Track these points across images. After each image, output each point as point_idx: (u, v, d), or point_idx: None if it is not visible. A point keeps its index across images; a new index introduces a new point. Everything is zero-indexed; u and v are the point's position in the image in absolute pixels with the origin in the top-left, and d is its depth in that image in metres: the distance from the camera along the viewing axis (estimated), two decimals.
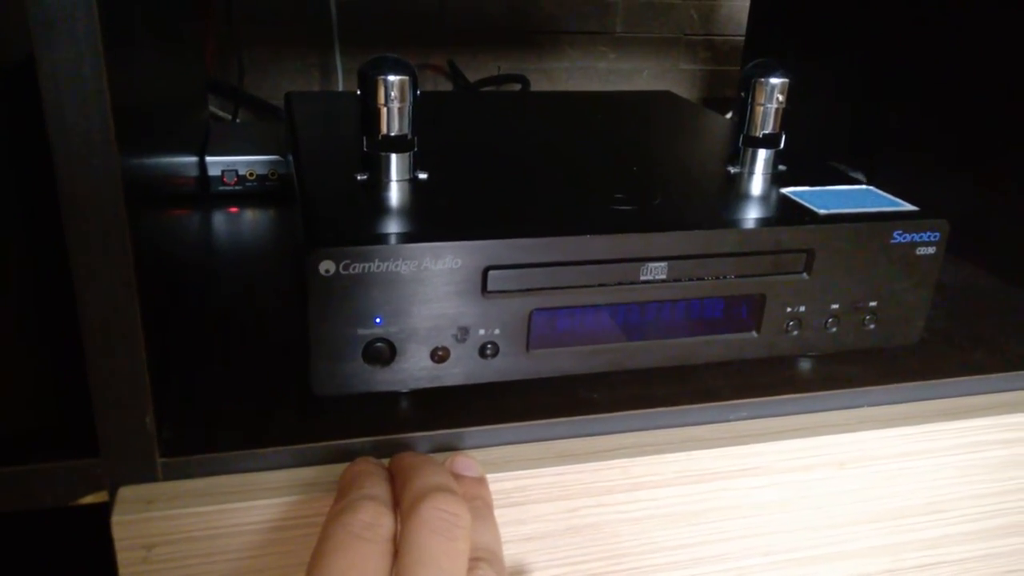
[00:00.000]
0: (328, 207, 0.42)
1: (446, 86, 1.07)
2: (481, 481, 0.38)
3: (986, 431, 0.47)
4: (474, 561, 0.33)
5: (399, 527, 0.33)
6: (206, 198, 0.70)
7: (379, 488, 0.35)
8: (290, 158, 0.57)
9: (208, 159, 0.70)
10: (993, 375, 0.49)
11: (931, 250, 0.45)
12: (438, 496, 0.33)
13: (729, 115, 0.96)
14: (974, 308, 0.57)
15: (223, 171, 0.71)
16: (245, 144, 0.73)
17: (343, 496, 0.35)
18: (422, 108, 0.45)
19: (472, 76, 1.06)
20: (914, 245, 0.45)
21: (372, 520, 0.33)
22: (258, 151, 0.72)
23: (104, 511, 0.36)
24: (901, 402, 0.47)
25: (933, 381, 0.48)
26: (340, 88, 1.00)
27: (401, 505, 0.34)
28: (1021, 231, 0.60)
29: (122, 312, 0.34)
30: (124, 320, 0.34)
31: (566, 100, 0.76)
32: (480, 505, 0.37)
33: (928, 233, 0.45)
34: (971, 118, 0.64)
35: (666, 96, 0.77)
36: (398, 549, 0.33)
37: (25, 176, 0.35)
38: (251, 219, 0.67)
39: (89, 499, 0.37)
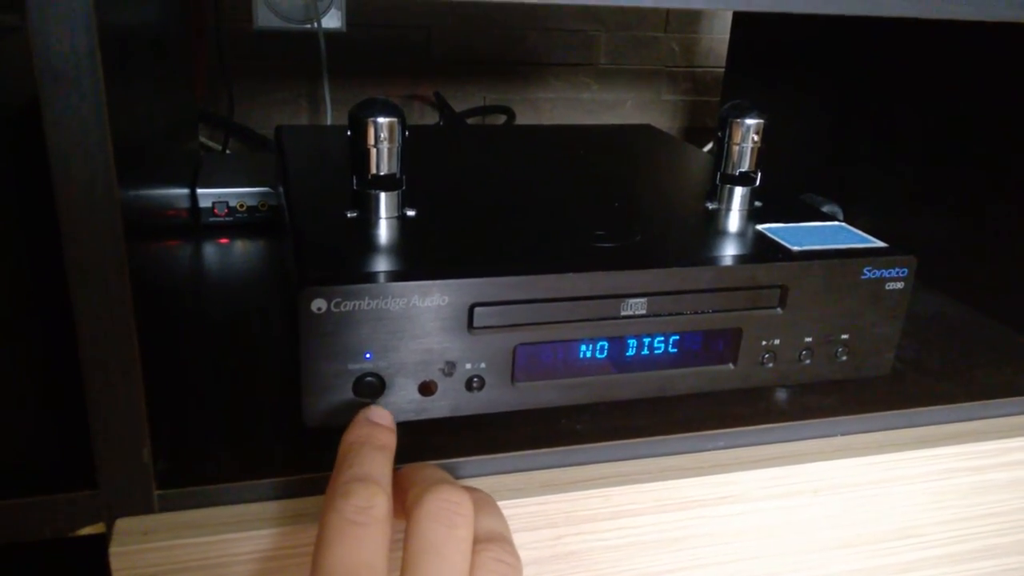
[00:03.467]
0: (319, 245, 0.44)
1: (432, 116, 1.09)
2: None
3: (956, 459, 0.49)
4: (484, 544, 0.35)
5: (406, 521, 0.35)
6: (197, 229, 0.72)
7: (369, 464, 0.36)
8: (280, 191, 0.59)
9: (199, 191, 0.72)
10: (963, 404, 0.51)
11: (899, 285, 0.47)
12: (440, 487, 0.35)
13: (708, 147, 0.99)
14: (945, 338, 0.59)
15: (214, 202, 0.72)
16: (235, 176, 0.75)
17: (336, 476, 0.36)
18: (410, 143, 0.47)
19: (458, 107, 1.08)
20: (883, 281, 0.47)
21: (364, 503, 0.34)
22: (248, 183, 0.73)
23: (102, 542, 0.37)
24: (874, 431, 0.49)
25: (905, 410, 0.50)
26: (329, 119, 1.01)
27: (407, 502, 0.35)
28: (990, 262, 0.62)
29: (120, 347, 0.35)
30: (122, 354, 0.35)
31: (549, 134, 0.78)
32: (484, 496, 0.38)
33: (896, 269, 0.47)
34: (943, 151, 0.66)
35: (646, 130, 0.79)
36: (404, 540, 0.34)
37: (24, 214, 0.36)
38: (242, 250, 0.68)
39: (87, 530, 0.38)
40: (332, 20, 0.99)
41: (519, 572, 0.35)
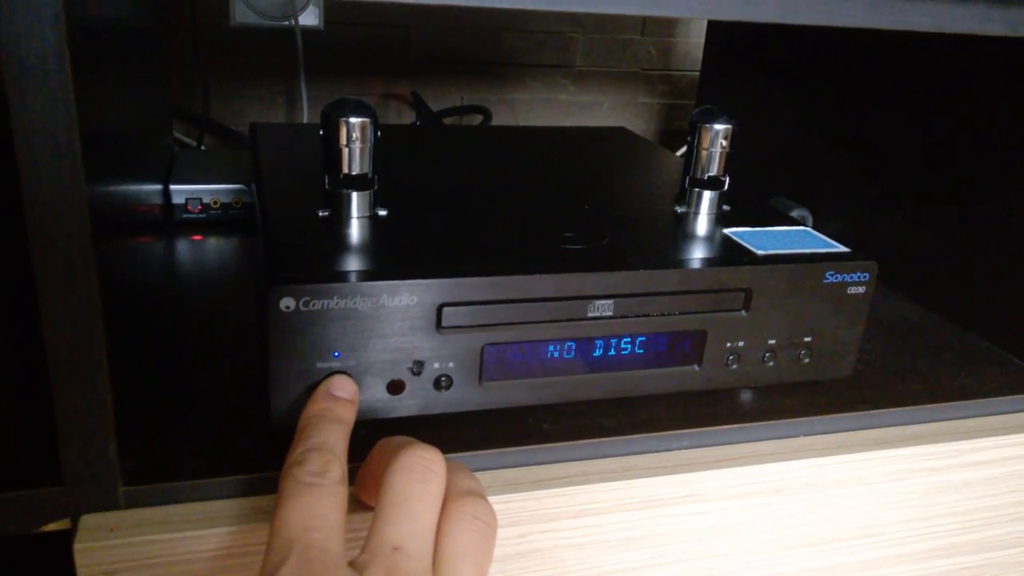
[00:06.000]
0: (290, 244, 0.44)
1: (409, 115, 1.09)
2: None
3: (915, 459, 0.50)
4: (459, 500, 0.35)
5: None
6: (170, 226, 0.71)
7: (325, 435, 0.37)
8: (254, 188, 0.59)
9: (173, 187, 0.71)
10: (922, 406, 0.52)
11: (861, 289, 0.48)
12: (414, 445, 0.36)
13: (681, 151, 1.00)
14: (906, 341, 0.60)
15: (187, 199, 0.72)
16: (210, 172, 0.75)
17: (294, 448, 0.36)
18: (383, 142, 0.47)
19: (435, 106, 1.08)
20: (845, 285, 0.48)
21: (319, 469, 0.34)
22: (223, 179, 0.73)
23: (67, 538, 0.37)
24: (835, 431, 0.50)
25: (866, 412, 0.51)
26: (305, 117, 1.01)
27: (381, 463, 0.36)
28: (952, 267, 0.64)
29: (87, 343, 0.35)
30: (89, 350, 0.35)
31: (524, 136, 0.78)
32: (458, 462, 0.38)
33: (858, 274, 0.48)
34: (908, 157, 0.67)
35: (620, 132, 0.80)
36: (378, 496, 0.34)
37: None
38: (215, 247, 0.68)
39: (52, 527, 0.38)
40: (310, 17, 0.99)
41: (493, 530, 0.36)
